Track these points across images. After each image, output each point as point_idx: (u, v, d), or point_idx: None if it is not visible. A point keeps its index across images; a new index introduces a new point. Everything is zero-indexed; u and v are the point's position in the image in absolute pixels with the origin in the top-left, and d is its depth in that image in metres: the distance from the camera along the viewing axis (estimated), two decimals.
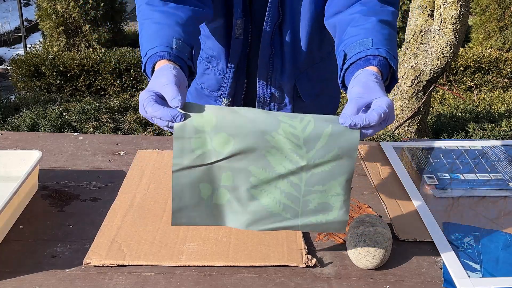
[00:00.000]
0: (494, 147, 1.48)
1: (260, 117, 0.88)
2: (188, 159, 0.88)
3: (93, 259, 1.00)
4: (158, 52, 1.00)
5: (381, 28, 1.07)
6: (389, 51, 1.03)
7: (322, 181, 0.88)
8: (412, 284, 0.97)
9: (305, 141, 0.87)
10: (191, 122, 0.87)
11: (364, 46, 1.03)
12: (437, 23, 2.64)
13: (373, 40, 1.04)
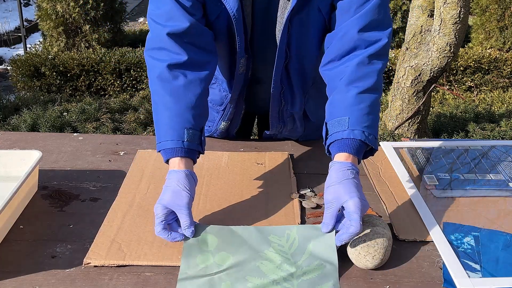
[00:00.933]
0: (494, 147, 1.48)
1: (253, 238, 1.06)
2: (193, 270, 0.99)
3: (93, 259, 1.00)
4: (171, 148, 1.11)
5: (360, 101, 1.12)
6: (365, 129, 1.09)
7: (312, 286, 0.96)
8: (412, 284, 0.97)
9: (292, 255, 1.02)
10: (198, 243, 1.04)
11: (341, 126, 1.10)
12: (437, 23, 2.64)
13: (350, 119, 1.10)
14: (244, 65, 1.30)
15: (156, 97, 1.17)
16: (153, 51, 1.19)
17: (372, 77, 1.15)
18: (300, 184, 1.29)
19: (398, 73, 2.94)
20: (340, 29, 1.19)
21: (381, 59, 1.18)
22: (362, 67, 1.15)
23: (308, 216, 1.16)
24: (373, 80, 1.15)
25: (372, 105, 1.13)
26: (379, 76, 1.17)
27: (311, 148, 1.49)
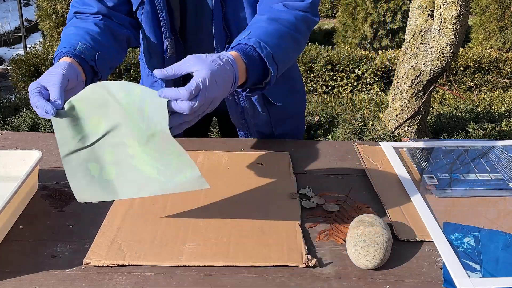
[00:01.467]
0: (494, 147, 1.48)
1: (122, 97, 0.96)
2: (71, 144, 0.99)
3: (93, 259, 1.00)
4: (61, 51, 1.15)
5: (267, 24, 1.12)
6: (262, 41, 1.06)
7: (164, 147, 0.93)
8: (412, 284, 0.97)
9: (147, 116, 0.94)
10: (65, 113, 1.00)
11: (241, 36, 1.10)
12: (437, 23, 2.64)
13: (251, 32, 1.09)
14: (173, 48, 1.32)
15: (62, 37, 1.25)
16: None
17: (289, 15, 1.16)
18: (300, 184, 1.29)
19: (398, 73, 2.94)
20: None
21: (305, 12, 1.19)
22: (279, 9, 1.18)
23: (308, 216, 1.16)
24: (289, 16, 1.16)
25: (281, 33, 1.12)
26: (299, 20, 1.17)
27: (311, 148, 1.49)
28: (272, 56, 1.07)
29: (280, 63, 1.10)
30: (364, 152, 1.46)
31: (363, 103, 4.05)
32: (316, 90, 4.66)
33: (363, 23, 5.27)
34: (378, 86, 4.56)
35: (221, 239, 1.07)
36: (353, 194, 1.26)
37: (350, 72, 4.56)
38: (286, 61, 1.15)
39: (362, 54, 4.65)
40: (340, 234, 1.10)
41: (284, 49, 1.11)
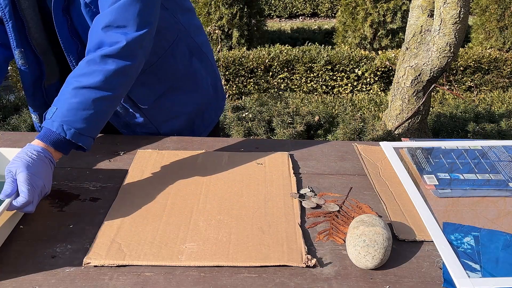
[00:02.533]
0: (494, 147, 1.48)
1: None
2: None
3: (93, 259, 1.00)
4: None
5: (73, 96, 1.15)
6: (65, 123, 1.13)
7: None
8: (412, 284, 0.97)
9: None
10: None
11: (49, 115, 1.15)
12: (437, 23, 2.64)
13: (57, 110, 1.15)
14: (23, 59, 1.38)
15: None
16: None
17: (98, 76, 1.16)
18: (300, 184, 1.29)
19: (398, 73, 2.94)
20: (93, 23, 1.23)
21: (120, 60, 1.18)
22: (91, 65, 1.18)
23: (308, 216, 1.16)
24: (98, 78, 1.16)
25: (88, 102, 1.15)
26: (110, 77, 1.17)
27: (311, 148, 1.49)
28: (79, 133, 1.15)
29: (90, 132, 1.17)
30: (364, 152, 1.46)
31: (363, 103, 4.05)
32: (316, 90, 4.66)
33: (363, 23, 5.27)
34: (378, 86, 4.56)
35: (221, 239, 1.07)
36: (353, 194, 1.26)
37: (350, 72, 4.56)
38: (100, 123, 1.21)
39: (362, 54, 4.66)
40: (340, 234, 1.10)
41: (94, 117, 1.16)
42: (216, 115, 1.71)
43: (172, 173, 1.31)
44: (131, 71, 1.22)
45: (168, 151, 1.43)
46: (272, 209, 1.17)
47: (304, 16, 8.21)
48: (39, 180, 1.07)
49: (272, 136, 3.24)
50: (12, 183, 1.05)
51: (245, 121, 3.39)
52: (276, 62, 4.62)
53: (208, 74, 1.62)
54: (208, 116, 1.67)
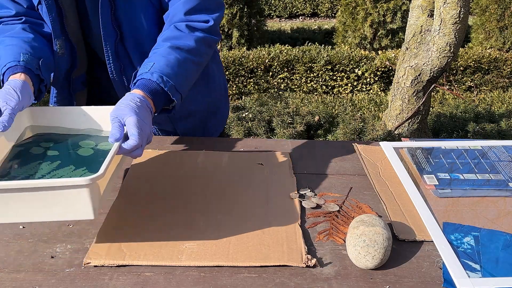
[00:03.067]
0: (494, 147, 1.48)
1: None
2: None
3: (93, 259, 1.00)
4: (9, 67, 1.17)
5: (169, 53, 1.21)
6: (165, 75, 1.17)
7: None
8: (412, 284, 0.97)
9: None
10: None
11: (144, 69, 1.18)
12: (437, 23, 2.64)
13: (154, 64, 1.18)
14: (64, 48, 1.34)
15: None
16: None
17: (189, 40, 1.25)
18: (300, 184, 1.29)
19: (398, 73, 2.94)
20: (170, 12, 1.29)
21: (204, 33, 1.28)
22: (181, 30, 1.25)
23: (308, 216, 1.16)
24: (189, 42, 1.24)
25: (182, 61, 1.21)
26: (199, 44, 1.26)
27: (311, 148, 1.49)
28: (175, 87, 1.18)
29: (183, 89, 1.22)
30: (364, 152, 1.46)
31: (363, 103, 4.05)
32: (316, 90, 4.66)
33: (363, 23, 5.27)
34: (378, 86, 4.56)
35: (221, 239, 1.07)
36: (353, 194, 1.26)
37: (350, 72, 4.56)
38: (188, 84, 1.26)
39: (362, 54, 4.66)
40: (340, 234, 1.10)
41: (185, 76, 1.23)
42: (226, 115, 1.72)
43: (172, 173, 1.31)
44: (214, 46, 1.32)
45: (168, 151, 1.43)
46: (272, 209, 1.17)
47: (304, 16, 8.21)
48: (146, 125, 1.08)
49: (272, 136, 3.24)
50: (119, 127, 1.04)
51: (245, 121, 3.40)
52: (276, 62, 4.62)
53: (220, 73, 1.64)
54: (220, 116, 1.68)
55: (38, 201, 0.90)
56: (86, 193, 0.90)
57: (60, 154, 1.09)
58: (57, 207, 0.90)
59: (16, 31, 1.29)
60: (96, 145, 1.13)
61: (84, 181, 0.89)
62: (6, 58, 1.21)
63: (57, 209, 0.91)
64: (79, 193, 0.89)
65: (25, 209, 0.91)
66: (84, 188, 0.89)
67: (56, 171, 1.03)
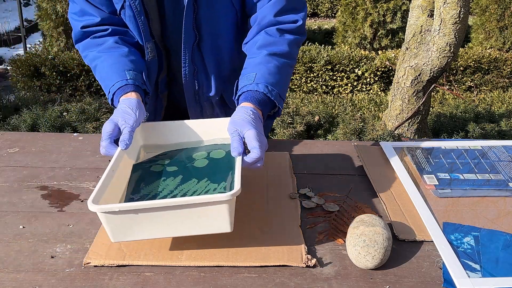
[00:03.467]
0: (494, 147, 1.48)
1: None
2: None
3: (93, 259, 1.00)
4: (119, 88, 1.21)
5: (268, 61, 1.23)
6: (269, 85, 1.20)
7: None
8: (412, 284, 0.97)
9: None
10: None
11: (248, 80, 1.21)
12: (437, 23, 2.64)
13: (256, 75, 1.21)
14: (154, 51, 1.34)
15: (93, 62, 1.31)
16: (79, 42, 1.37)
17: (282, 44, 1.27)
18: (300, 184, 1.29)
19: (398, 73, 2.94)
20: (258, 15, 1.29)
21: (293, 34, 1.29)
22: (273, 35, 1.27)
23: (308, 216, 1.16)
24: (283, 47, 1.27)
25: (281, 68, 1.24)
26: (291, 46, 1.28)
27: (311, 148, 1.49)
28: (279, 94, 1.21)
29: (284, 94, 1.25)
30: (364, 152, 1.46)
31: (363, 103, 4.05)
32: (316, 90, 4.66)
33: (363, 23, 5.27)
34: (378, 86, 4.56)
35: (221, 239, 1.06)
36: (353, 194, 1.26)
37: (350, 72, 4.56)
38: (287, 87, 1.30)
39: (362, 54, 4.65)
40: (340, 234, 1.10)
41: (285, 81, 1.26)
42: None
43: None
44: (300, 45, 1.35)
45: None
46: (272, 209, 1.17)
47: None
48: (263, 137, 1.11)
49: (272, 136, 3.24)
50: (240, 141, 1.08)
51: None
52: None
53: None
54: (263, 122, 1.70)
55: (181, 217, 0.95)
56: (226, 208, 0.95)
57: (179, 169, 1.14)
58: (197, 223, 0.96)
59: (109, 45, 1.30)
60: (208, 154, 1.18)
61: (226, 197, 0.93)
62: (113, 77, 1.23)
63: (197, 224, 0.96)
64: (220, 208, 0.94)
65: (168, 225, 0.96)
66: (224, 204, 0.94)
67: (182, 186, 1.08)
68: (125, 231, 0.95)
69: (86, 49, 1.34)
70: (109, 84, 1.23)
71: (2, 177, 1.30)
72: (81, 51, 1.37)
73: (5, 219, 1.13)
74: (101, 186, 0.98)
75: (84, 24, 1.33)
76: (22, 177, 1.30)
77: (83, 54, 1.36)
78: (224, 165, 1.13)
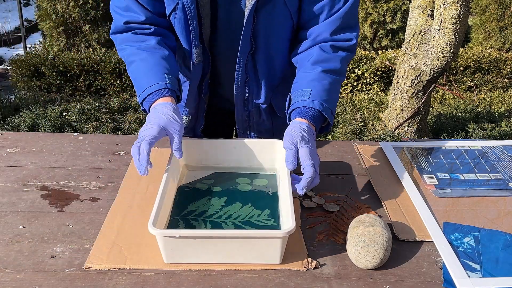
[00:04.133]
0: (494, 147, 1.48)
1: None
2: None
3: (94, 263, 0.99)
4: (158, 90, 1.20)
5: (323, 78, 1.26)
6: (324, 102, 1.23)
7: None
8: (412, 284, 0.97)
9: None
10: None
11: (303, 96, 1.24)
12: (437, 23, 2.64)
13: (312, 91, 1.24)
14: (201, 56, 1.34)
15: (131, 57, 1.29)
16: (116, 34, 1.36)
17: (335, 61, 1.29)
18: None
19: (398, 73, 2.94)
20: (313, 31, 1.30)
21: (346, 51, 1.32)
22: (327, 52, 1.29)
23: (308, 216, 1.16)
24: (337, 64, 1.29)
25: (333, 84, 1.27)
26: (343, 63, 1.31)
27: None
28: (331, 111, 1.25)
29: (335, 110, 1.29)
30: (364, 152, 1.46)
31: (363, 103, 4.05)
32: None
33: (363, 23, 5.26)
34: (378, 86, 4.56)
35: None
36: (353, 194, 1.26)
37: (350, 72, 4.56)
38: (337, 102, 1.33)
39: (362, 54, 4.65)
40: (340, 234, 1.10)
41: (336, 97, 1.30)
42: None
43: None
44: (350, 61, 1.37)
45: (167, 149, 1.42)
46: None
47: None
48: (316, 155, 1.14)
49: None
50: (295, 154, 1.13)
51: None
52: None
53: None
54: None
55: (235, 247, 0.99)
56: (279, 243, 0.98)
57: (223, 190, 1.19)
58: (250, 253, 0.99)
59: (151, 45, 1.29)
60: (251, 182, 1.23)
61: (281, 233, 0.96)
62: (151, 77, 1.23)
63: (249, 255, 0.99)
64: (274, 242, 0.98)
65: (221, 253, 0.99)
66: (279, 239, 0.97)
67: (227, 208, 1.13)
68: (179, 254, 0.99)
69: (125, 43, 1.33)
70: (145, 84, 1.22)
71: (2, 177, 1.30)
72: (118, 43, 1.35)
73: (5, 219, 1.13)
74: (157, 208, 1.01)
75: (127, 20, 1.32)
76: (22, 177, 1.30)
77: (119, 47, 1.35)
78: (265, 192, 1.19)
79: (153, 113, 1.16)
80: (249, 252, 0.99)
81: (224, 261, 1.00)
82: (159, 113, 1.15)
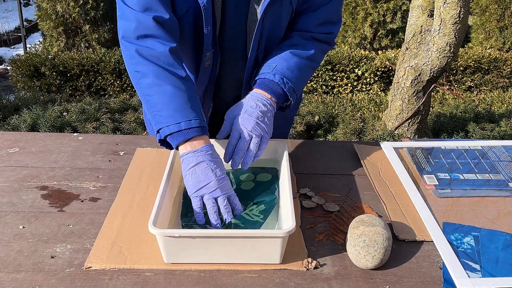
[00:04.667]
0: (494, 147, 1.48)
1: None
2: None
3: (94, 263, 0.99)
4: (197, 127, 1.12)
5: (290, 58, 1.30)
6: (285, 77, 1.26)
7: None
8: (412, 284, 0.97)
9: None
10: None
11: (267, 69, 1.28)
12: (437, 23, 2.64)
13: (276, 66, 1.28)
14: (211, 59, 1.32)
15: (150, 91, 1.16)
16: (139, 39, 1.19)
17: (310, 48, 1.33)
18: (300, 184, 1.29)
19: (398, 73, 2.94)
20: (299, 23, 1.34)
21: (324, 43, 1.37)
22: (305, 39, 1.34)
23: (308, 216, 1.16)
24: (311, 51, 1.33)
25: (301, 66, 1.31)
26: (317, 51, 1.35)
27: (311, 148, 1.49)
28: (293, 89, 1.28)
29: (299, 91, 1.32)
30: (364, 152, 1.46)
31: (363, 103, 4.05)
32: (316, 90, 4.65)
33: (363, 23, 5.26)
34: (378, 86, 4.56)
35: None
36: (353, 194, 1.26)
37: (350, 72, 4.56)
38: (303, 86, 1.37)
39: (362, 54, 4.65)
40: (340, 234, 1.10)
41: (302, 79, 1.32)
42: None
43: None
44: (326, 52, 1.44)
45: (167, 149, 1.42)
46: None
47: None
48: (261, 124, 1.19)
49: None
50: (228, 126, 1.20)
51: None
52: None
53: None
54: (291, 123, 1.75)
55: (235, 247, 0.99)
56: (279, 242, 0.98)
57: None
58: (250, 253, 0.99)
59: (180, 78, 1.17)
60: (255, 177, 1.25)
61: (281, 233, 0.97)
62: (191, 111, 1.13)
63: (249, 255, 1.00)
64: (273, 242, 0.98)
65: (221, 252, 1.00)
66: (279, 239, 0.97)
67: None
68: (179, 253, 0.99)
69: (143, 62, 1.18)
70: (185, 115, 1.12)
71: (2, 177, 1.30)
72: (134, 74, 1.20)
73: (5, 219, 1.13)
74: (157, 208, 1.01)
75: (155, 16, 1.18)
76: (22, 177, 1.30)
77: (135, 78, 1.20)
78: (268, 188, 1.21)
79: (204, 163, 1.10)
80: (249, 252, 0.99)
81: (224, 261, 1.00)
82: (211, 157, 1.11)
